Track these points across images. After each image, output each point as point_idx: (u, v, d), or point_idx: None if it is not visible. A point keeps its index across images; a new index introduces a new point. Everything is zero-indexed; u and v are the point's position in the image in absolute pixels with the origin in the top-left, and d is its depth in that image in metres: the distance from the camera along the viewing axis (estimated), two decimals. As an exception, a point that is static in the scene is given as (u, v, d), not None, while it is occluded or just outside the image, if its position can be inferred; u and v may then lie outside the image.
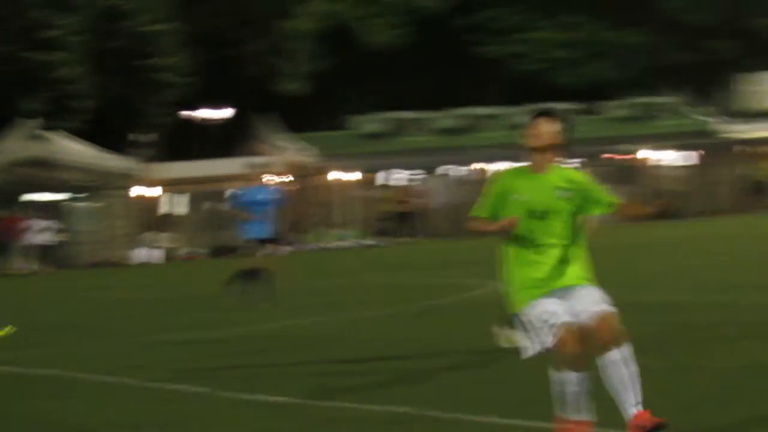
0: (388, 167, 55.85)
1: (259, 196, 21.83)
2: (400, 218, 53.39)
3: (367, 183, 56.02)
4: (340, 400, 10.59)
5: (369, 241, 52.58)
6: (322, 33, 59.49)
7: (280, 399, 10.89)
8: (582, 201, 8.25)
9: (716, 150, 58.25)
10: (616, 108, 60.88)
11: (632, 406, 7.78)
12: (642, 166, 57.78)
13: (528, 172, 8.31)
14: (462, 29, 65.14)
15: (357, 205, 55.45)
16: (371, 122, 58.36)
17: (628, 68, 66.59)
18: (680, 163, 58.56)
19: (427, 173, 55.98)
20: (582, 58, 65.70)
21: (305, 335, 16.66)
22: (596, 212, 8.35)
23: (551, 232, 8.18)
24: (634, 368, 7.82)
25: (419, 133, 57.82)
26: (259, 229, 21.67)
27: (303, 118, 63.06)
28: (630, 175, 56.97)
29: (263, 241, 21.77)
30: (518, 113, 59.32)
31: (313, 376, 12.43)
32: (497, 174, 8.48)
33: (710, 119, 59.04)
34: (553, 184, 8.23)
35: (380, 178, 55.96)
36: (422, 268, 32.35)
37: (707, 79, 64.20)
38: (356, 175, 55.42)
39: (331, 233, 53.48)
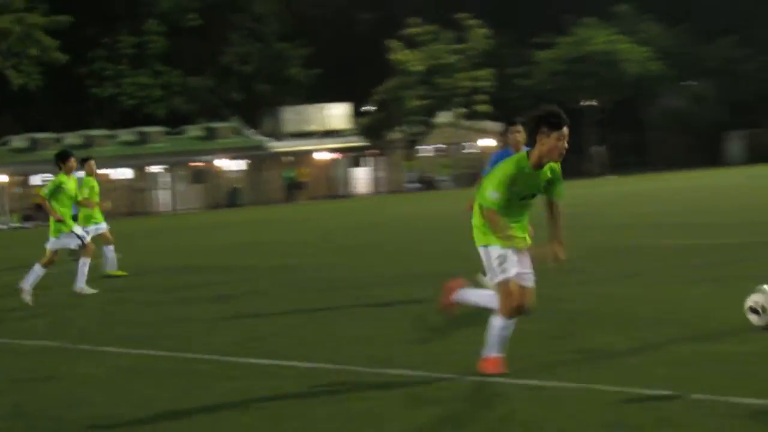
0: (32, 172, 54.27)
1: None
2: (41, 208, 51.78)
3: (20, 183, 54.36)
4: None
5: (23, 225, 50.70)
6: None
7: None
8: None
9: (267, 159, 59.73)
10: (193, 130, 61.13)
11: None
12: (213, 171, 58.24)
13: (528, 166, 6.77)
14: (82, 75, 63.77)
15: (14, 199, 54.01)
16: (19, 140, 56.78)
17: (196, 103, 66.95)
18: (239, 168, 59.51)
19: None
20: (164, 96, 65.33)
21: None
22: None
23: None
24: None
25: (54, 148, 56.16)
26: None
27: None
28: (205, 176, 57.42)
29: None
30: (126, 134, 58.66)
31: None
32: (510, 167, 6.76)
33: (262, 137, 60.38)
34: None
35: (31, 180, 54.28)
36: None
37: (257, 109, 65.55)
38: (5, 178, 53.94)
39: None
